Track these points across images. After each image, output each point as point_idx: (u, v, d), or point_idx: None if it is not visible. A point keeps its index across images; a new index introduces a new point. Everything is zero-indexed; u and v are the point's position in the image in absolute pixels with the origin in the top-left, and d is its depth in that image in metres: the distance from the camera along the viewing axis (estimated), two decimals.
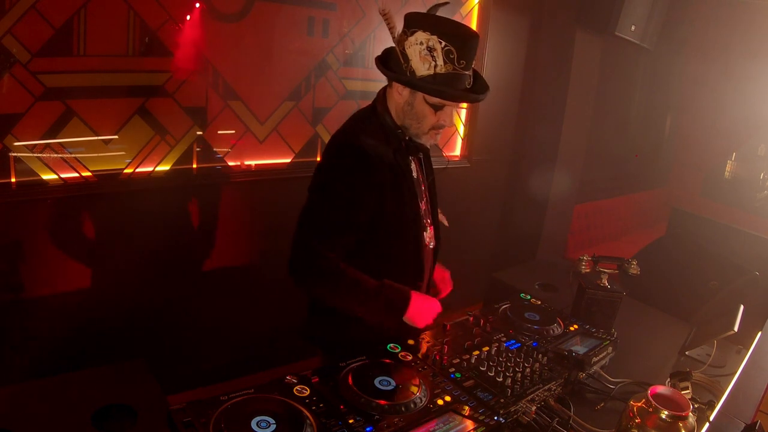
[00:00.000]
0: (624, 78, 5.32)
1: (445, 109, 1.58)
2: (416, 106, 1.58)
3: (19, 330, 2.35)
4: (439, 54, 1.46)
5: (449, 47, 1.45)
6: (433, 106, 1.56)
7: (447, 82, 1.50)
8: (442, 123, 1.61)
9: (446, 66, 1.47)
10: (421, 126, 1.61)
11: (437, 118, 1.59)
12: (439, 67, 1.47)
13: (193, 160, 2.78)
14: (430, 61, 1.47)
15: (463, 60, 1.48)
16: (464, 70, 1.51)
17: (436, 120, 1.60)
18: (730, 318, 1.93)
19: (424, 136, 1.64)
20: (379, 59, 1.64)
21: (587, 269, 2.11)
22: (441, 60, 1.47)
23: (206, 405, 1.22)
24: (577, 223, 4.87)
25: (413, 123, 1.61)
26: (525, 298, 2.02)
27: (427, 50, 1.46)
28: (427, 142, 1.67)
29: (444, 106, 1.57)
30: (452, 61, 1.47)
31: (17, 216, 2.30)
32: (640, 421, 1.37)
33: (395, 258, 1.70)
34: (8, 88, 2.20)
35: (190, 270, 2.85)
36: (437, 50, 1.45)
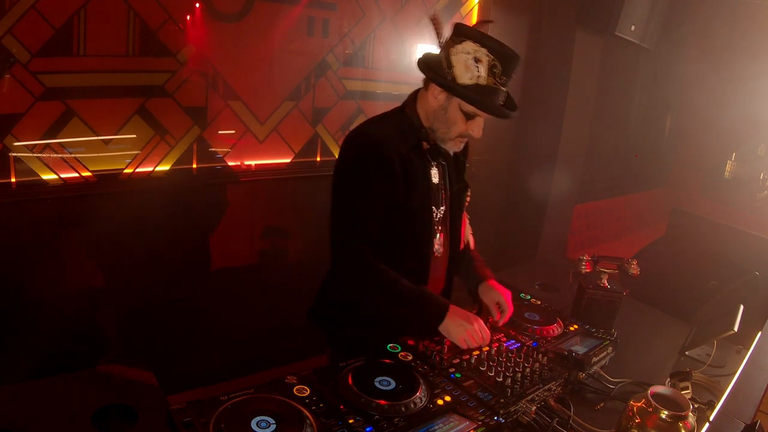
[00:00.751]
0: (624, 78, 5.32)
1: (476, 119, 1.62)
2: (450, 112, 1.61)
3: (19, 330, 2.35)
4: (484, 66, 1.51)
5: (495, 62, 1.51)
6: (466, 115, 1.60)
7: (486, 94, 1.53)
8: (470, 132, 1.64)
9: (488, 79, 1.52)
10: (450, 132, 1.64)
11: (467, 126, 1.63)
12: (482, 79, 1.52)
13: (193, 160, 2.78)
14: (474, 71, 1.51)
15: (504, 77, 1.53)
16: (503, 86, 1.55)
17: (465, 128, 1.63)
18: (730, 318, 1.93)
19: (449, 142, 1.67)
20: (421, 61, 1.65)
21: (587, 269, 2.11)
22: (485, 72, 1.51)
23: (206, 405, 1.21)
24: (577, 223, 4.87)
25: (442, 127, 1.64)
26: (525, 298, 2.02)
27: (473, 60, 1.50)
28: (450, 148, 1.70)
29: (476, 116, 1.60)
30: (495, 76, 1.52)
31: (17, 216, 2.30)
32: (640, 421, 1.37)
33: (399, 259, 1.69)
34: (8, 88, 2.20)
35: (190, 270, 2.85)
36: (483, 62, 1.50)
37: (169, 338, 2.80)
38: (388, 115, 1.74)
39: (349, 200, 1.62)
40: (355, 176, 1.61)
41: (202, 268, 2.89)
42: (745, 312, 1.98)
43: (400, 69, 3.47)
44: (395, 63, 3.43)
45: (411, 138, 1.66)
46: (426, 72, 1.62)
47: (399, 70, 3.46)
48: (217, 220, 2.88)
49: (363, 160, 1.60)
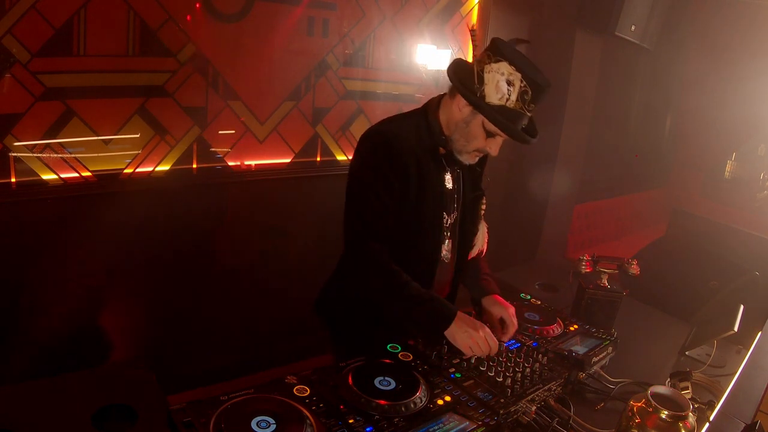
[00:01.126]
0: (624, 78, 5.32)
1: (496, 138, 1.61)
2: (471, 126, 1.60)
3: (19, 330, 2.35)
4: (515, 90, 1.50)
5: (527, 89, 1.50)
6: (487, 132, 1.60)
7: (512, 118, 1.53)
8: (487, 149, 1.64)
9: (517, 103, 1.52)
10: (468, 145, 1.64)
11: (486, 143, 1.63)
12: (511, 102, 1.52)
13: (193, 160, 2.78)
14: (504, 92, 1.51)
15: (533, 104, 1.54)
16: (529, 112, 1.56)
17: (484, 145, 1.63)
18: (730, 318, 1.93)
19: (465, 154, 1.67)
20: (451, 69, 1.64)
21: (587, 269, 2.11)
22: (515, 96, 1.51)
23: (206, 405, 1.22)
24: (577, 223, 4.87)
25: (461, 139, 1.64)
26: (525, 298, 2.02)
27: (505, 82, 1.50)
28: (465, 160, 1.69)
29: (496, 135, 1.60)
30: (524, 102, 1.52)
31: (17, 216, 2.30)
32: (640, 421, 1.37)
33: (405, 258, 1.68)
34: (8, 88, 2.20)
35: (190, 270, 2.85)
36: (515, 86, 1.50)
37: (169, 338, 2.80)
38: (408, 116, 1.73)
39: (363, 197, 1.63)
40: (371, 173, 1.61)
41: (202, 268, 2.89)
42: (745, 312, 1.98)
43: (400, 69, 3.47)
44: (395, 63, 3.43)
45: (428, 142, 1.67)
46: (455, 83, 1.60)
47: (399, 70, 3.46)
48: (217, 220, 2.88)
49: (379, 158, 1.60)
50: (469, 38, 3.69)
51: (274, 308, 3.05)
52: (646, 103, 5.79)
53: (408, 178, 1.62)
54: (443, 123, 1.67)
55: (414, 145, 1.64)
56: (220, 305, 2.98)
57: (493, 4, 3.76)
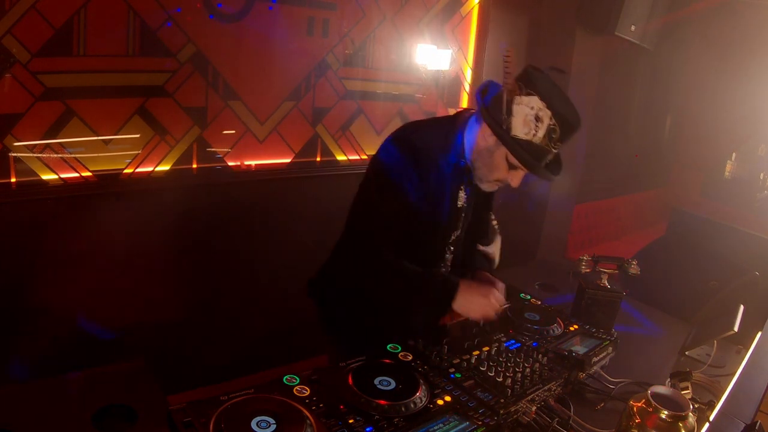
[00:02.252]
0: (624, 78, 5.32)
1: (519, 171, 1.59)
2: (495, 157, 1.58)
3: (19, 330, 2.35)
4: (543, 127, 1.46)
5: (555, 127, 1.47)
6: (510, 165, 1.57)
7: (537, 155, 1.50)
8: (509, 181, 1.62)
9: (543, 140, 1.48)
10: (489, 175, 1.62)
11: (508, 175, 1.61)
12: (537, 138, 1.48)
13: (193, 160, 2.78)
14: (531, 128, 1.46)
15: (560, 143, 1.51)
16: (554, 149, 1.53)
17: (505, 176, 1.61)
18: (730, 318, 1.93)
19: (486, 183, 1.66)
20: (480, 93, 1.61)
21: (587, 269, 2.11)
22: (542, 133, 1.47)
23: (206, 405, 1.21)
24: (577, 223, 4.87)
25: (483, 168, 1.62)
26: (525, 298, 2.02)
27: (534, 118, 1.45)
28: (485, 188, 1.69)
29: (519, 169, 1.58)
30: (551, 140, 1.49)
31: (17, 216, 2.30)
32: (640, 421, 1.37)
33: None
34: (8, 88, 2.20)
35: (190, 270, 2.85)
36: (543, 123, 1.45)
37: (169, 338, 2.80)
38: (439, 125, 1.70)
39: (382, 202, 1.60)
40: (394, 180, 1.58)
41: (202, 268, 2.89)
42: (745, 312, 1.98)
43: (400, 69, 3.47)
44: (395, 63, 3.43)
45: (453, 158, 1.64)
46: (482, 112, 1.56)
47: (399, 70, 3.47)
48: (217, 220, 2.88)
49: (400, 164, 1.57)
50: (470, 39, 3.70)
51: (274, 308, 3.05)
52: (646, 103, 5.79)
53: (428, 191, 1.60)
54: (468, 146, 1.64)
55: (439, 159, 1.61)
56: (220, 305, 2.98)
57: (493, 4, 3.76)
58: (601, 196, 5.28)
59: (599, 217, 5.25)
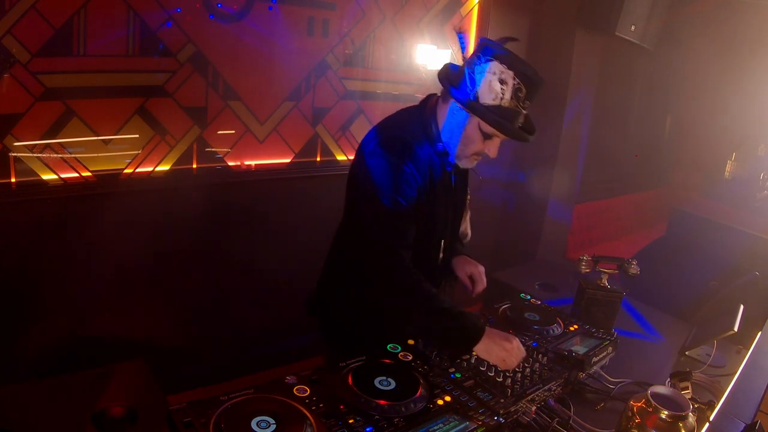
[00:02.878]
0: (624, 78, 5.32)
1: (494, 139, 1.60)
2: (468, 131, 1.58)
3: (19, 330, 2.35)
4: (508, 89, 1.48)
5: (521, 86, 1.48)
6: (484, 134, 1.58)
7: (508, 117, 1.51)
8: (486, 152, 1.62)
9: (511, 102, 1.50)
10: (466, 149, 1.62)
11: (484, 146, 1.61)
12: (505, 101, 1.49)
13: (193, 160, 2.78)
14: (498, 92, 1.48)
15: (527, 101, 1.51)
16: (524, 109, 1.54)
17: (482, 148, 1.61)
18: (730, 318, 1.93)
19: (464, 159, 1.66)
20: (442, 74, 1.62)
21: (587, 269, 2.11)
22: (509, 95, 1.49)
23: (206, 405, 1.21)
24: (577, 223, 4.87)
25: (459, 144, 1.62)
26: (525, 298, 2.02)
27: (498, 82, 1.47)
28: (464, 165, 1.69)
29: (494, 136, 1.58)
30: (518, 100, 1.50)
31: (17, 216, 2.30)
32: (640, 421, 1.37)
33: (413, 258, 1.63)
34: (8, 88, 2.20)
35: (190, 270, 2.85)
36: (508, 84, 1.48)
37: (169, 338, 2.80)
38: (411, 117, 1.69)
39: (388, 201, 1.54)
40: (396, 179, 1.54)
41: (201, 269, 2.89)
42: (745, 312, 1.98)
43: (400, 69, 3.47)
44: (395, 63, 3.43)
45: (436, 145, 1.65)
46: (447, 87, 1.58)
47: (399, 70, 3.46)
48: (217, 220, 2.88)
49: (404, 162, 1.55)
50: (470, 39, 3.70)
51: (274, 308, 3.05)
52: (646, 103, 5.79)
53: (425, 182, 1.60)
54: (441, 127, 1.65)
55: (428, 150, 1.62)
56: (220, 305, 2.98)
57: (493, 4, 3.76)
58: (601, 196, 5.28)
59: (599, 217, 5.24)
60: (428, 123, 1.65)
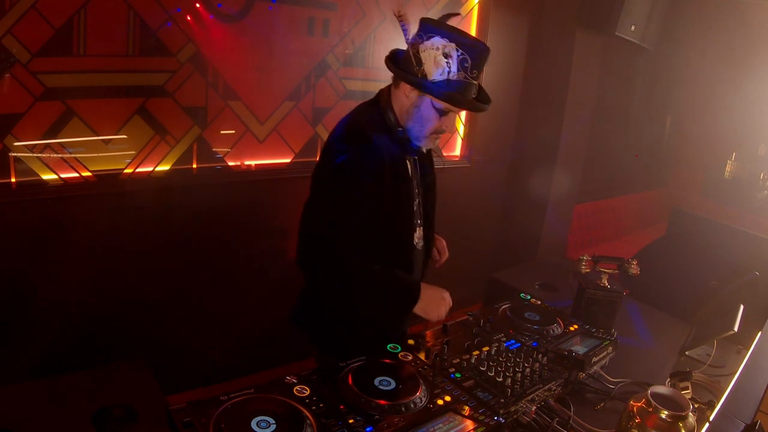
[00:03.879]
0: (624, 78, 5.32)
1: (450, 115, 1.61)
2: (422, 109, 1.60)
3: (19, 330, 2.35)
4: (453, 61, 1.49)
5: (465, 56, 1.49)
6: (439, 111, 1.59)
7: (459, 90, 1.52)
8: (444, 128, 1.63)
9: (459, 74, 1.51)
10: (424, 129, 1.63)
11: (440, 123, 1.62)
12: (452, 74, 1.50)
13: (193, 160, 2.78)
14: (444, 66, 1.50)
15: (475, 70, 1.52)
16: (474, 80, 1.54)
17: (439, 125, 1.62)
18: (730, 318, 1.93)
19: (424, 140, 1.66)
20: (389, 59, 1.65)
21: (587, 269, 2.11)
22: (455, 67, 1.50)
23: (206, 405, 1.22)
24: (577, 223, 4.87)
25: (416, 126, 1.63)
26: (525, 298, 2.02)
27: (442, 56, 1.49)
28: (425, 146, 1.69)
29: (449, 112, 1.60)
30: (465, 70, 1.51)
31: (17, 216, 2.30)
32: (640, 421, 1.37)
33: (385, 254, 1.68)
34: (8, 88, 2.20)
35: (190, 270, 2.85)
36: (452, 57, 1.49)
37: (169, 338, 2.80)
38: (369, 110, 1.71)
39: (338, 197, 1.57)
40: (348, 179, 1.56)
41: (202, 268, 2.89)
42: (745, 312, 1.98)
43: None
44: None
45: (395, 134, 1.66)
46: (395, 71, 1.61)
47: None
48: (217, 220, 2.88)
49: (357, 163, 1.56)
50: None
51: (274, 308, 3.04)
52: (646, 103, 5.79)
53: (384, 175, 1.61)
54: (397, 114, 1.66)
55: (387, 141, 1.63)
56: (220, 305, 2.98)
57: (493, 4, 3.76)
58: (601, 196, 5.28)
59: (599, 217, 5.24)
60: (385, 112, 1.67)
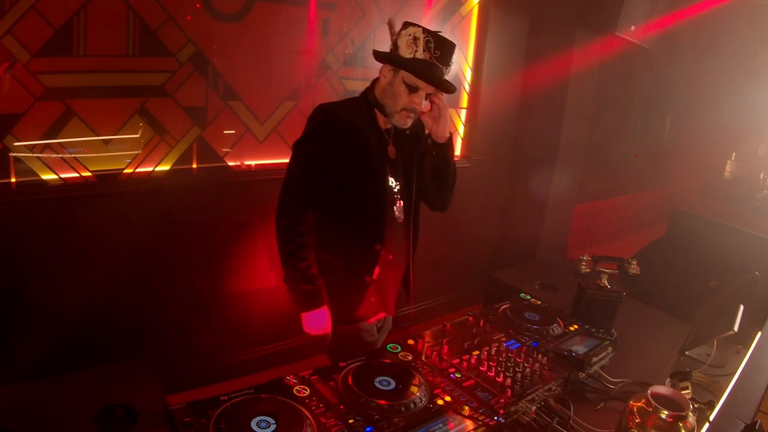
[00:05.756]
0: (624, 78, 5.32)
1: (419, 92, 1.82)
2: (395, 86, 1.83)
3: (19, 330, 2.35)
4: (420, 43, 1.78)
5: (429, 39, 1.78)
6: (409, 87, 1.81)
7: (423, 66, 1.78)
8: (413, 104, 1.84)
9: (425, 54, 1.78)
10: (396, 104, 1.84)
11: (410, 99, 1.83)
12: (419, 53, 1.79)
13: (193, 160, 2.78)
14: (413, 47, 1.78)
15: (438, 51, 1.79)
16: (439, 62, 1.80)
17: (408, 100, 1.83)
18: (730, 318, 1.93)
19: (396, 115, 1.86)
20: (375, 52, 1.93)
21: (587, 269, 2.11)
22: (421, 48, 1.78)
23: (206, 405, 1.22)
24: (577, 223, 4.87)
25: (389, 101, 1.86)
26: (525, 298, 2.02)
27: (412, 39, 1.78)
28: (398, 122, 1.88)
29: (418, 89, 1.81)
30: (430, 50, 1.78)
31: (17, 216, 2.30)
32: (640, 421, 1.37)
33: (355, 223, 1.92)
34: (8, 88, 2.20)
35: (191, 270, 2.85)
36: (420, 40, 1.78)
37: (169, 338, 2.80)
38: (351, 99, 1.97)
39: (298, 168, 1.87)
40: (307, 148, 1.85)
41: (202, 268, 2.89)
42: (745, 312, 1.98)
43: None
44: None
45: (368, 118, 1.90)
46: (376, 54, 1.89)
47: None
48: (217, 220, 2.88)
49: (319, 132, 1.83)
50: (470, 39, 3.70)
51: (274, 308, 3.05)
52: (646, 103, 5.79)
53: (347, 147, 1.83)
54: (378, 96, 1.89)
55: (354, 120, 1.85)
56: (221, 305, 2.98)
57: (493, 4, 3.76)
58: (601, 196, 5.28)
59: (599, 217, 5.24)
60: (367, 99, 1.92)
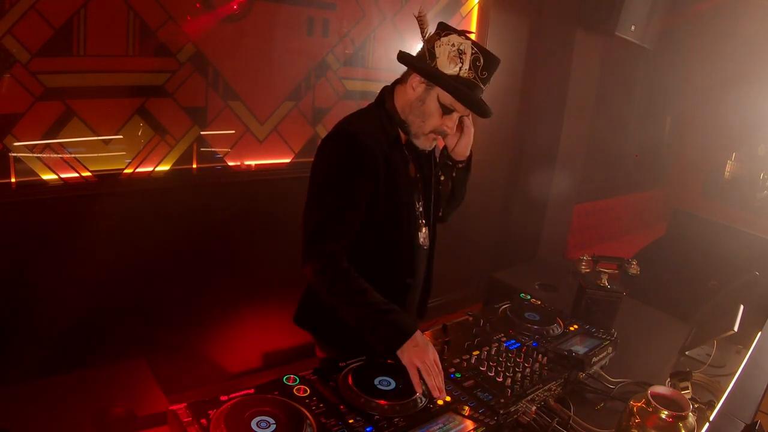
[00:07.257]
0: (624, 78, 5.32)
1: (453, 114, 1.60)
2: (427, 103, 1.59)
3: (19, 330, 2.35)
4: (467, 58, 1.51)
5: (478, 55, 1.51)
6: (443, 108, 1.58)
7: (466, 89, 1.53)
8: (444, 128, 1.61)
9: (470, 72, 1.52)
10: (424, 125, 1.61)
11: (442, 121, 1.60)
12: (464, 71, 1.52)
13: (193, 160, 2.78)
14: (457, 62, 1.51)
15: (485, 72, 1.53)
16: (482, 83, 1.55)
17: (440, 123, 1.60)
18: (730, 318, 1.93)
19: (422, 137, 1.64)
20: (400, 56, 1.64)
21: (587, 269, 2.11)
22: (468, 65, 1.52)
23: (206, 405, 1.22)
24: (577, 223, 4.87)
25: (417, 120, 1.62)
26: (525, 298, 2.02)
27: (457, 52, 1.51)
28: (422, 144, 1.66)
29: (453, 111, 1.58)
30: (476, 70, 1.52)
31: (17, 216, 2.30)
32: (640, 421, 1.37)
33: (386, 254, 1.68)
34: (8, 88, 2.20)
35: (190, 270, 2.85)
36: (467, 54, 1.51)
37: (169, 338, 2.80)
38: (367, 111, 1.71)
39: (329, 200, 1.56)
40: (338, 176, 1.57)
41: (202, 269, 2.89)
42: (745, 312, 1.98)
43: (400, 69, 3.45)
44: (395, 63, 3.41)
45: (391, 133, 1.65)
46: (408, 62, 1.61)
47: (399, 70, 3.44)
48: (217, 220, 2.88)
49: (346, 160, 1.56)
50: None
51: (275, 308, 3.05)
52: (646, 103, 5.79)
53: (377, 173, 1.59)
54: (399, 109, 1.64)
55: (380, 140, 1.61)
56: (221, 305, 2.98)
57: (493, 4, 3.76)
58: (601, 196, 5.28)
59: (599, 217, 5.24)
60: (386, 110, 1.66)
